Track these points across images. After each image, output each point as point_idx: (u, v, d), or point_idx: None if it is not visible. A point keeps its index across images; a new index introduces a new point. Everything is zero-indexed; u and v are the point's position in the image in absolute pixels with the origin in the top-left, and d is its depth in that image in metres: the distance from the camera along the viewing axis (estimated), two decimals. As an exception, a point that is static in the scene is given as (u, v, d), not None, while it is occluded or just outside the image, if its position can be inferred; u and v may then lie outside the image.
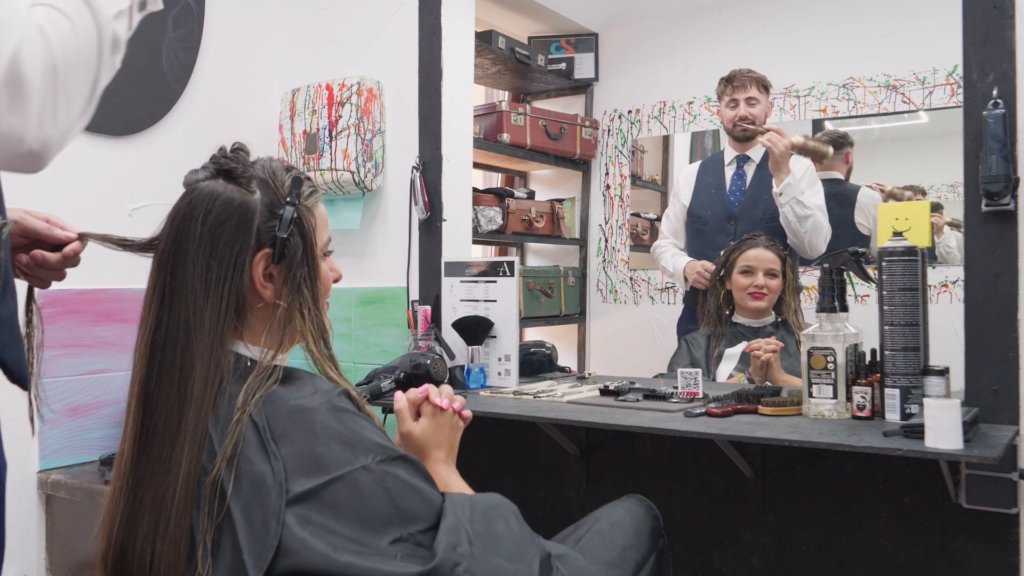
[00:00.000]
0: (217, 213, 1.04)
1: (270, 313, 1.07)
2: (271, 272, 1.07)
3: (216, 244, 1.04)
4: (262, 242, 1.06)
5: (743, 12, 3.43)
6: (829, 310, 1.73)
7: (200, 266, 1.03)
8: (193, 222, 1.04)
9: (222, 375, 1.02)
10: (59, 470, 2.21)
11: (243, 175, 1.08)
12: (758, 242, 2.49)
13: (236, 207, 1.05)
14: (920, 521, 1.71)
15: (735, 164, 2.89)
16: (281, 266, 1.07)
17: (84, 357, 2.28)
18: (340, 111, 2.51)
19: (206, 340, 1.02)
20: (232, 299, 1.04)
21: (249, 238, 1.05)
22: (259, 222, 1.06)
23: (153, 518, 0.98)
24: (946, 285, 2.99)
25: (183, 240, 1.04)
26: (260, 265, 1.06)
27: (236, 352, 1.06)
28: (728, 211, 2.84)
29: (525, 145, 3.34)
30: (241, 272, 1.04)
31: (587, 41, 3.74)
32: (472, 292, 2.24)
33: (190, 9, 2.57)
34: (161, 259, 1.06)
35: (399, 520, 0.96)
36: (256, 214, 1.06)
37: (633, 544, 1.29)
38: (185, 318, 1.02)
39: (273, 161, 1.12)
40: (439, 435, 1.23)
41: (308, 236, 1.09)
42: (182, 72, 2.55)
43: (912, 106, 3.15)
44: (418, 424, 1.23)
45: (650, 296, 3.64)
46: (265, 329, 1.07)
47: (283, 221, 1.07)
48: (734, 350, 2.43)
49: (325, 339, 1.11)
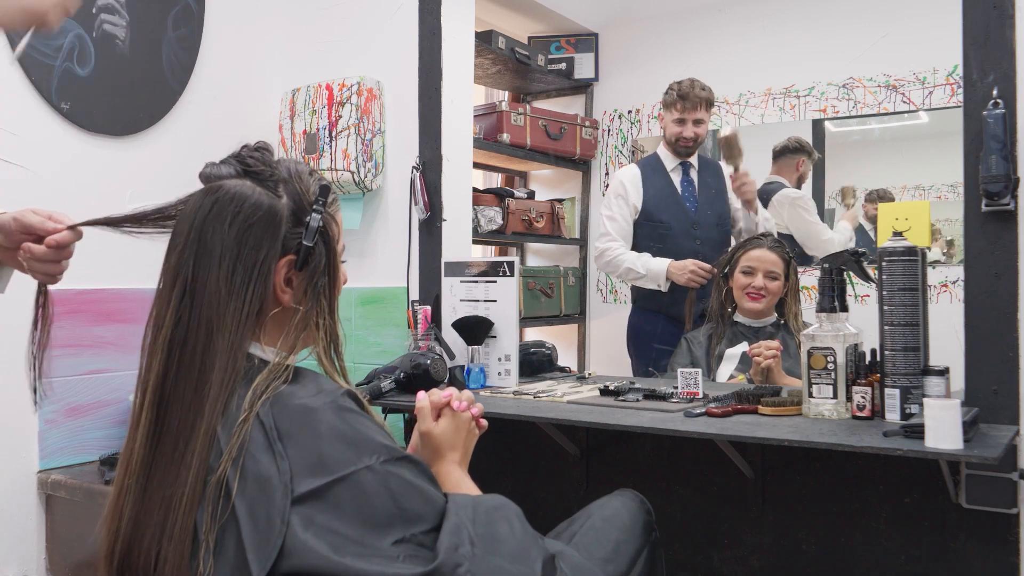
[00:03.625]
0: (246, 216, 1.04)
1: (286, 318, 1.07)
2: (291, 278, 1.07)
3: (243, 247, 1.03)
4: (288, 248, 1.06)
5: (743, 12, 3.44)
6: (829, 310, 1.73)
7: (226, 268, 1.02)
8: (220, 222, 1.03)
9: (237, 377, 1.02)
10: (59, 470, 2.21)
11: (270, 178, 1.07)
12: (763, 242, 2.48)
13: (264, 211, 1.05)
14: (920, 521, 1.71)
15: (680, 170, 2.96)
16: (303, 273, 1.07)
17: (84, 357, 2.28)
18: (340, 111, 2.51)
19: (227, 342, 1.01)
20: (255, 303, 1.03)
21: (276, 243, 1.05)
22: (286, 228, 1.06)
23: (161, 517, 0.98)
24: (946, 285, 2.99)
25: (208, 239, 1.03)
26: (283, 271, 1.06)
27: (249, 352, 1.05)
28: (689, 216, 2.91)
29: (525, 145, 3.34)
30: (266, 277, 1.04)
31: (587, 41, 3.74)
32: (472, 292, 2.24)
33: (190, 9, 2.57)
34: (181, 256, 1.04)
35: (402, 521, 0.96)
36: (283, 220, 1.06)
37: (627, 539, 1.29)
38: (207, 318, 1.01)
39: (297, 164, 1.12)
40: (456, 437, 1.24)
41: (332, 246, 1.10)
42: (182, 72, 2.55)
43: (912, 106, 3.15)
44: (438, 424, 1.24)
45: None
46: (281, 334, 1.07)
47: (309, 230, 1.06)
48: (735, 350, 2.43)
49: (337, 349, 1.11)
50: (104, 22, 2.34)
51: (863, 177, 3.26)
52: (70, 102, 2.26)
